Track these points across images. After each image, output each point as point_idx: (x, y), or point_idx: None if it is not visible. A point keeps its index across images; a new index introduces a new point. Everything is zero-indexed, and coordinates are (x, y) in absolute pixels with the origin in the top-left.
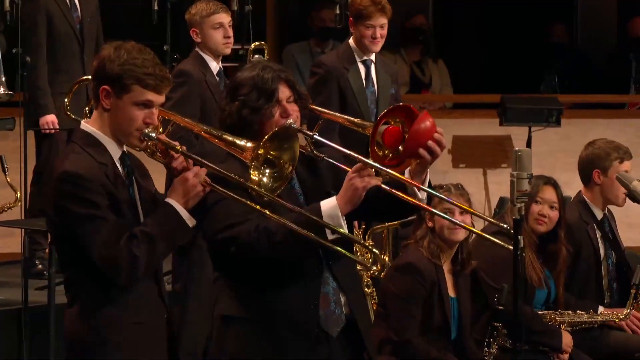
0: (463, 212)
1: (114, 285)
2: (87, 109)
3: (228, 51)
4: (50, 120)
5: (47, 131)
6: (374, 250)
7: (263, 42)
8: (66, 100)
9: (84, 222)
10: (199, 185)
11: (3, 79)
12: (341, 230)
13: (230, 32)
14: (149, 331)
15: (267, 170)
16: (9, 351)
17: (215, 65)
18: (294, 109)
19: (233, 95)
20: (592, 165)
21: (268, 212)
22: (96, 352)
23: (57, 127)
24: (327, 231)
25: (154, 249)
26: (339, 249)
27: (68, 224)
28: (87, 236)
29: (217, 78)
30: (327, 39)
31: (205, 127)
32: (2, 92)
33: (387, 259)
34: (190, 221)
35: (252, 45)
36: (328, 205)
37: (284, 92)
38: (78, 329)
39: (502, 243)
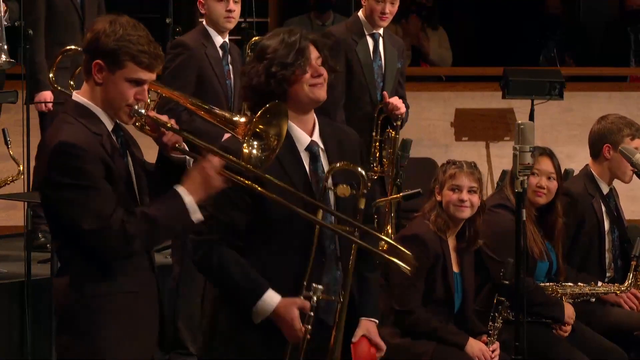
0: (471, 190)
1: (105, 256)
2: (71, 82)
3: (230, 26)
4: (44, 97)
5: (41, 107)
6: (406, 251)
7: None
8: (51, 74)
9: (77, 193)
10: (215, 176)
11: (5, 46)
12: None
13: (233, 7)
14: (141, 301)
15: (255, 143)
16: (12, 324)
17: (219, 39)
18: (323, 70)
19: (260, 57)
20: (603, 139)
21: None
22: (88, 321)
23: (52, 103)
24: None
25: (151, 233)
26: (388, 257)
27: (61, 194)
28: (78, 207)
29: (220, 51)
30: (325, 10)
31: (193, 100)
32: (4, 59)
33: (390, 231)
34: (195, 215)
35: (252, 40)
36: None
37: (313, 52)
38: (69, 299)
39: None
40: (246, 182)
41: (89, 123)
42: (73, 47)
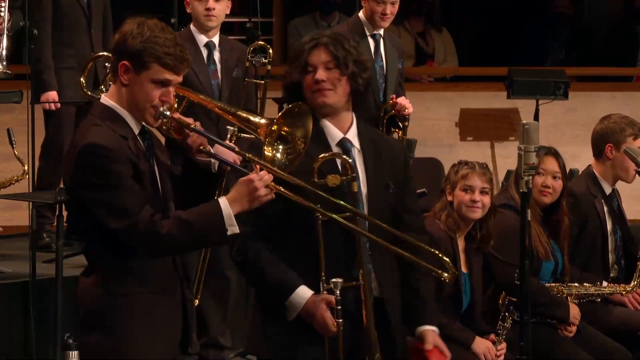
0: (483, 191)
1: (132, 255)
2: (102, 87)
3: (210, 24)
4: (50, 97)
5: (47, 107)
6: (445, 258)
7: (264, 43)
8: (82, 79)
9: (104, 193)
10: (262, 189)
11: (4, 60)
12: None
13: (212, 4)
14: (165, 300)
15: (280, 147)
16: (16, 324)
17: (203, 39)
18: (330, 74)
19: None
20: (605, 139)
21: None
22: (112, 320)
23: (58, 103)
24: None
25: (182, 237)
26: (411, 257)
27: (89, 195)
28: (106, 206)
29: (204, 51)
30: (330, 11)
31: (219, 104)
32: (0, 69)
33: None
34: (231, 228)
35: (254, 44)
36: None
37: (318, 57)
38: (94, 297)
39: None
40: (295, 196)
41: (115, 126)
42: (105, 53)
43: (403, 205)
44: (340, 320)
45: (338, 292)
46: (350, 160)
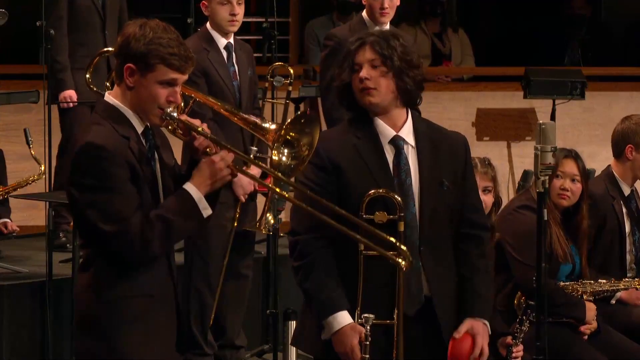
0: (485, 190)
1: (122, 259)
2: (107, 83)
3: (233, 29)
4: (68, 95)
5: (65, 106)
6: (402, 246)
7: (284, 64)
8: (87, 75)
9: (99, 195)
10: (225, 170)
11: None
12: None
13: (237, 10)
14: (159, 304)
15: (286, 150)
16: (33, 324)
17: (223, 41)
18: (374, 72)
19: None
20: (626, 139)
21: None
22: (106, 324)
23: (75, 102)
24: None
25: (167, 234)
26: (372, 245)
27: (84, 195)
28: (100, 209)
29: (224, 53)
30: (348, 12)
31: (226, 106)
32: None
33: None
34: (205, 211)
35: (273, 65)
36: None
37: (364, 55)
38: (88, 300)
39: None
40: (253, 176)
41: (117, 125)
42: (111, 49)
43: (464, 201)
44: (367, 356)
45: (368, 327)
46: (399, 199)
